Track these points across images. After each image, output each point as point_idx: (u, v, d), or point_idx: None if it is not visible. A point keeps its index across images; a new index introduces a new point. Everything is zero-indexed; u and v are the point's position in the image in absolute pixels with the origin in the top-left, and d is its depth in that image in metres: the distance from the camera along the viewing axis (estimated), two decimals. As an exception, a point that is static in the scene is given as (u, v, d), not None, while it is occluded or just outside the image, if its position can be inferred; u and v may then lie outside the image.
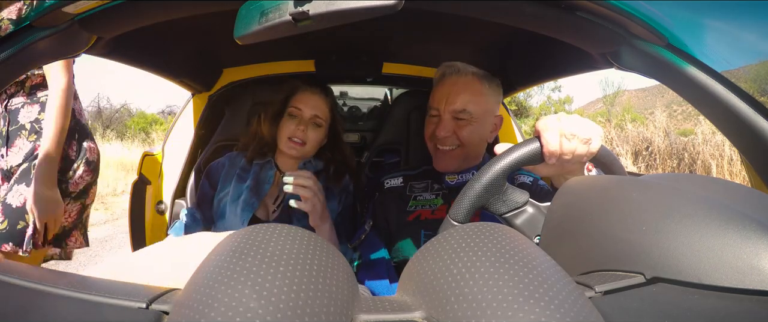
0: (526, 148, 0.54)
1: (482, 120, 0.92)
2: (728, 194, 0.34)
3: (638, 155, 6.29)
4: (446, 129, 0.90)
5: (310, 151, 1.03)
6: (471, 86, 0.91)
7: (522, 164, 0.54)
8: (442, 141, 0.92)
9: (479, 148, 0.96)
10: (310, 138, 1.00)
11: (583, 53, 0.70)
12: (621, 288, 0.29)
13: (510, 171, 0.53)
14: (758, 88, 0.56)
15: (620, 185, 0.39)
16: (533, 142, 0.54)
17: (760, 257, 0.26)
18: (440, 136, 0.91)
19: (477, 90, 0.91)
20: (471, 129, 0.91)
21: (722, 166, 5.02)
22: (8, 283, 0.31)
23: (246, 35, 0.50)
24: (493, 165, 0.53)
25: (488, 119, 0.94)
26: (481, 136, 0.93)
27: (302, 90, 1.04)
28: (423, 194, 0.96)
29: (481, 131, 0.93)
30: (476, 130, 0.91)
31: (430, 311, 0.27)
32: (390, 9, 0.42)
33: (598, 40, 0.64)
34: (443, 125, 0.91)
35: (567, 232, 0.40)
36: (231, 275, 0.25)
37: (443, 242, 0.32)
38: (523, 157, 0.53)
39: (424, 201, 0.95)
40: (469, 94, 0.90)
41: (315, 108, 1.01)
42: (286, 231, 0.30)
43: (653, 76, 0.64)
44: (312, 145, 1.02)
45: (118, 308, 0.28)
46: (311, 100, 1.02)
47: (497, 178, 0.52)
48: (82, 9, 0.58)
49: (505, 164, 0.53)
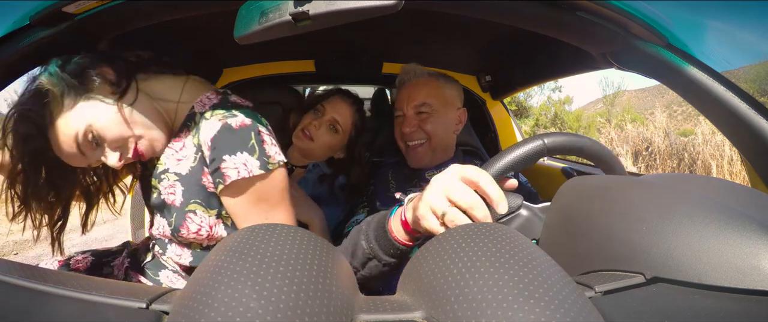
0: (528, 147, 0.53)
1: (443, 112, 0.98)
2: (728, 194, 0.34)
3: (638, 155, 6.29)
4: (411, 124, 0.97)
5: (317, 151, 1.03)
6: (429, 83, 0.99)
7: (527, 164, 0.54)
8: (409, 136, 0.98)
9: (447, 141, 1.01)
10: (321, 138, 1.01)
11: (583, 53, 0.70)
12: (621, 288, 0.29)
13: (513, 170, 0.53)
14: (758, 89, 0.56)
15: (620, 185, 0.39)
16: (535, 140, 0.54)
17: (760, 257, 0.26)
18: (406, 132, 0.98)
19: (434, 85, 0.99)
20: (434, 121, 0.97)
21: (722, 166, 5.02)
22: (8, 283, 0.31)
23: (246, 35, 0.50)
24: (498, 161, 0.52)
25: (450, 112, 1.00)
26: (445, 128, 0.99)
27: (336, 95, 1.07)
28: (412, 189, 1.00)
29: (444, 123, 0.99)
30: (440, 122, 0.98)
31: (430, 311, 0.27)
32: (390, 9, 0.42)
33: (598, 40, 0.64)
34: (408, 121, 0.98)
35: (567, 232, 0.40)
36: (231, 275, 0.25)
37: (443, 242, 0.32)
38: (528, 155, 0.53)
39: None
40: (427, 90, 0.98)
41: (337, 112, 1.03)
42: (286, 231, 0.30)
43: (653, 76, 0.64)
44: (321, 145, 1.02)
45: (118, 308, 0.28)
46: (338, 105, 1.04)
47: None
48: (82, 9, 0.58)
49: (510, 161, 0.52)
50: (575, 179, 0.45)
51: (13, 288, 0.31)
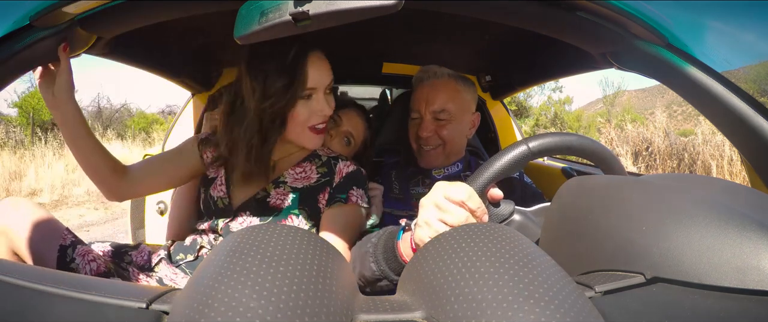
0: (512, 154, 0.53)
1: (461, 118, 0.98)
2: (728, 194, 0.34)
3: (638, 156, 6.29)
4: (428, 129, 0.96)
5: None
6: (448, 87, 0.97)
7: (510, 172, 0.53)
8: (426, 141, 0.98)
9: (461, 145, 1.02)
10: (334, 148, 1.00)
11: (583, 53, 0.70)
12: (621, 288, 0.29)
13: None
14: (758, 89, 0.56)
15: (620, 185, 0.39)
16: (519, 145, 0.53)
17: (760, 256, 0.26)
18: (423, 137, 0.97)
19: (454, 90, 0.97)
20: (451, 127, 0.96)
21: (722, 166, 5.02)
22: (8, 283, 0.31)
23: (246, 35, 0.50)
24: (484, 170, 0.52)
25: (466, 117, 1.00)
26: (461, 133, 1.00)
27: (352, 108, 1.06)
28: (416, 188, 1.02)
29: (460, 129, 0.99)
30: (456, 129, 0.97)
31: (430, 311, 0.27)
32: (390, 9, 0.42)
33: (598, 40, 0.64)
34: (425, 126, 0.96)
35: (567, 232, 0.40)
36: (231, 275, 0.25)
37: (443, 242, 0.32)
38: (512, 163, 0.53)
39: (419, 195, 0.98)
40: (447, 95, 0.96)
41: (353, 126, 1.04)
42: (286, 231, 0.30)
43: (653, 76, 0.64)
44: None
45: (118, 308, 0.28)
46: (353, 119, 1.04)
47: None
48: (82, 9, 0.58)
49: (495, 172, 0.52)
50: (575, 179, 0.45)
51: (13, 288, 0.30)
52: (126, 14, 0.61)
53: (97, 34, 0.67)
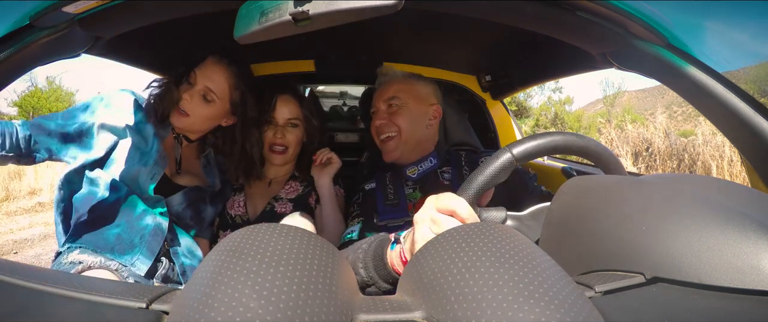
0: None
1: (414, 106, 1.00)
2: (728, 194, 0.34)
3: (638, 156, 6.29)
4: (381, 117, 1.01)
5: (198, 126, 1.01)
6: (400, 80, 1.05)
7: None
8: (381, 129, 1.01)
9: (419, 135, 1.01)
10: (196, 111, 0.92)
11: (583, 53, 0.70)
12: (621, 288, 0.29)
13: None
14: (758, 89, 0.56)
15: (620, 185, 0.39)
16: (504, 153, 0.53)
17: (760, 257, 0.26)
18: (377, 125, 1.01)
19: (406, 82, 1.04)
20: (404, 114, 0.99)
21: (722, 166, 5.02)
22: (8, 283, 0.31)
23: (246, 35, 0.50)
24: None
25: (422, 107, 1.02)
26: (416, 121, 1.00)
27: (207, 58, 0.94)
28: (402, 190, 1.00)
29: (415, 117, 1.00)
30: (411, 117, 0.99)
31: (430, 311, 0.27)
32: (390, 9, 0.42)
33: (598, 40, 0.64)
34: (379, 115, 1.02)
35: (567, 232, 0.40)
36: (231, 275, 0.25)
37: (443, 242, 0.32)
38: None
39: (410, 196, 0.98)
40: (398, 86, 1.03)
41: (210, 79, 0.92)
42: (286, 231, 0.30)
43: (653, 76, 0.64)
44: (199, 120, 0.94)
45: (118, 308, 0.28)
46: (209, 71, 0.92)
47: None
48: (82, 9, 0.57)
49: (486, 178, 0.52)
50: (575, 179, 0.45)
51: (13, 288, 0.30)
52: (126, 14, 0.61)
53: (97, 34, 0.67)
